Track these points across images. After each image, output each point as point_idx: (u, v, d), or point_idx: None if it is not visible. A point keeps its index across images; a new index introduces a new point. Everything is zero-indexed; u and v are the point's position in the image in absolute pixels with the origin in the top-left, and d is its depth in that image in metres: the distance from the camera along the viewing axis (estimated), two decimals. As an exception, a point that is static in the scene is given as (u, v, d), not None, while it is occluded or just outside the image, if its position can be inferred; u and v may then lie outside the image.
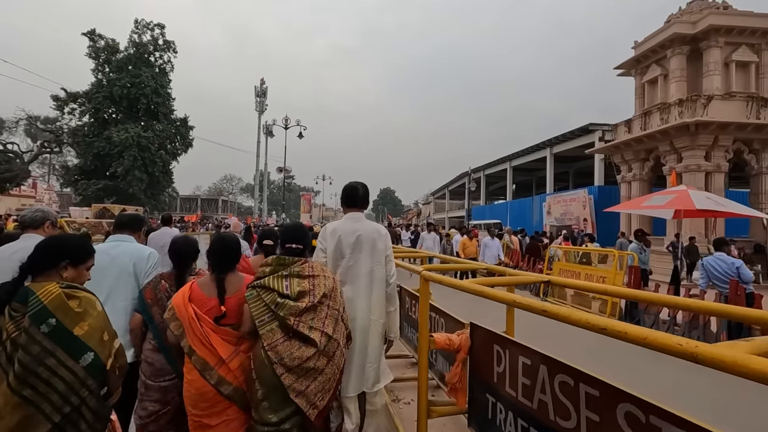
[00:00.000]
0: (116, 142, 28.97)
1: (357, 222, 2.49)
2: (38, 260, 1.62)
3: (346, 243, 2.40)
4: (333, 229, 2.46)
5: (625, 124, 16.04)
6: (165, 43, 33.87)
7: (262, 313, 1.86)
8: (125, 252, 2.42)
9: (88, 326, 1.54)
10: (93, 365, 1.51)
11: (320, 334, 1.86)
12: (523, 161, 30.21)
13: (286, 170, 26.79)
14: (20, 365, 1.41)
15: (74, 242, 1.74)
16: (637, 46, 15.95)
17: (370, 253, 2.42)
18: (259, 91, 39.41)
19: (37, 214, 2.44)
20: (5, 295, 1.50)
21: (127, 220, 2.70)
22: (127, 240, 2.55)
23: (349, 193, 2.57)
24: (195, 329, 1.86)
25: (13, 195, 47.55)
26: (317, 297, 1.91)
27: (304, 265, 2.02)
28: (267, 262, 2.03)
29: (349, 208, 2.56)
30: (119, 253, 2.40)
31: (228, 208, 61.88)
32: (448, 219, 53.30)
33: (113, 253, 2.38)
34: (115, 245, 2.46)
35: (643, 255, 6.81)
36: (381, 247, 2.46)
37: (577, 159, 27.75)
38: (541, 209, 25.29)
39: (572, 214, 21.19)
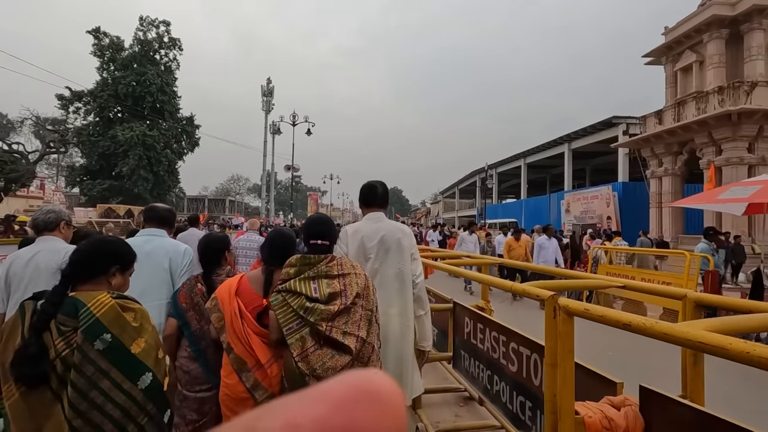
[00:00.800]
0: (121, 141, 28.43)
1: (378, 222, 2.38)
2: (86, 266, 1.48)
3: (369, 244, 2.29)
4: (354, 230, 2.34)
5: (656, 115, 15.02)
6: (170, 41, 33.32)
7: (290, 320, 1.69)
8: (160, 247, 2.29)
9: (145, 343, 1.43)
10: (152, 388, 1.39)
11: (355, 339, 1.70)
12: (538, 158, 29.18)
13: (294, 168, 26.04)
14: (73, 389, 1.27)
15: (123, 246, 1.62)
16: (668, 32, 14.93)
17: (397, 253, 2.31)
18: (266, 90, 38.85)
19: (50, 216, 2.30)
20: (51, 307, 1.34)
21: (163, 214, 2.52)
22: (161, 235, 2.40)
23: (367, 192, 2.46)
24: (236, 326, 1.76)
25: (21, 196, 47.47)
26: (350, 298, 1.73)
27: (332, 263, 1.81)
28: (291, 262, 1.81)
29: (368, 208, 2.45)
30: (153, 248, 2.27)
31: (235, 208, 61.40)
32: (458, 218, 52.33)
33: (147, 249, 2.22)
34: (148, 239, 2.31)
35: (716, 258, 5.88)
36: (406, 245, 2.34)
37: (595, 155, 26.69)
38: (559, 207, 24.27)
39: (594, 212, 20.17)
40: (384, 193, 2.47)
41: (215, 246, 2.22)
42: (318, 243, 1.85)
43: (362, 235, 2.31)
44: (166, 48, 33.30)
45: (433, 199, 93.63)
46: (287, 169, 26.70)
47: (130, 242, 2.04)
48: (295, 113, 22.95)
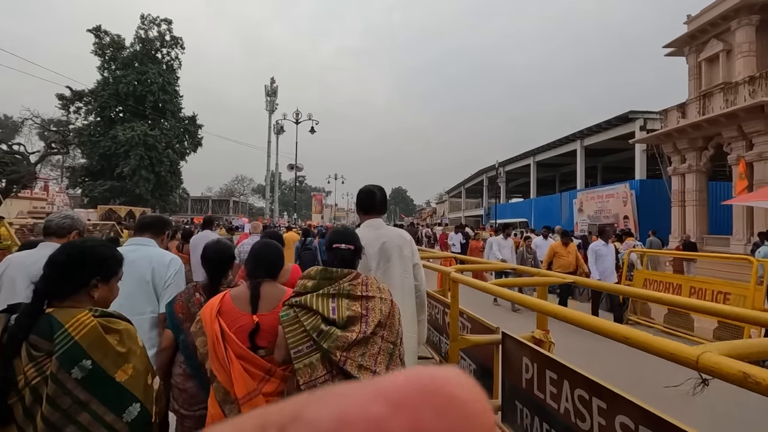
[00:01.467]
0: (122, 141, 27.94)
1: (378, 229, 2.31)
2: (61, 280, 1.29)
3: (371, 252, 2.20)
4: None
5: (678, 108, 14.21)
6: (172, 39, 32.83)
7: (300, 341, 1.49)
8: (144, 257, 2.13)
9: (133, 369, 1.25)
10: (139, 420, 1.22)
11: (371, 374, 1.47)
12: (548, 156, 28.36)
13: (297, 168, 25.41)
14: (46, 425, 1.10)
15: (105, 251, 1.40)
16: (691, 20, 14.12)
17: (399, 261, 2.25)
18: (269, 90, 38.35)
19: (65, 221, 2.24)
20: (21, 331, 1.16)
21: (149, 222, 2.37)
22: (148, 244, 2.24)
23: (365, 197, 2.37)
24: (218, 352, 1.57)
25: (24, 197, 47.28)
26: (371, 326, 1.51)
27: (357, 280, 1.58)
28: (310, 273, 1.62)
29: (366, 215, 2.37)
30: (138, 257, 2.10)
31: (239, 209, 61.04)
32: (465, 218, 51.50)
33: (131, 257, 1.98)
34: (134, 248, 2.17)
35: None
36: (407, 253, 2.30)
37: (607, 152, 25.86)
38: (571, 206, 23.46)
39: (610, 211, 19.37)
40: (382, 199, 2.37)
41: (224, 255, 2.07)
42: (341, 248, 1.65)
43: (363, 243, 2.12)
44: (167, 47, 32.82)
45: (438, 199, 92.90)
46: (291, 169, 26.09)
47: None
48: (298, 111, 22.28)
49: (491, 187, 44.60)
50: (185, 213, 49.78)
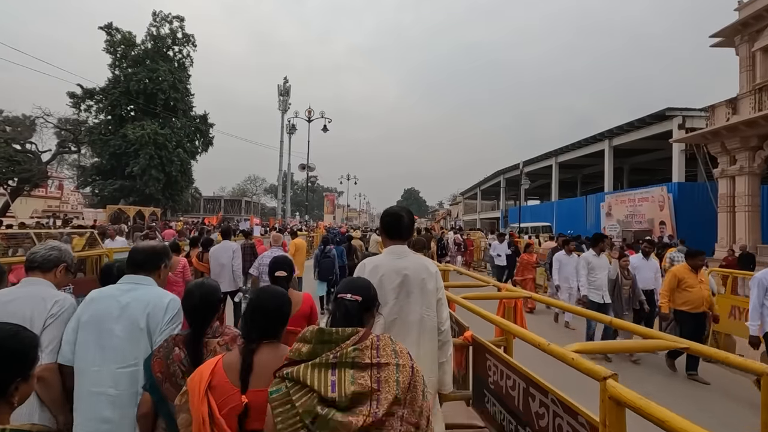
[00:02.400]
0: (132, 140, 27.42)
1: (401, 258, 2.05)
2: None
3: (390, 285, 1.98)
4: (373, 267, 2.01)
5: (728, 104, 12.83)
6: (184, 37, 32.30)
7: (292, 427, 1.14)
8: (139, 299, 1.79)
9: None
10: None
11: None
12: (572, 156, 26.95)
13: (309, 167, 24.52)
14: None
15: (25, 340, 1.11)
16: (743, 6, 12.74)
17: (420, 297, 2.01)
18: (282, 89, 37.73)
19: (51, 254, 1.97)
20: None
21: (141, 260, 1.93)
22: (144, 283, 1.87)
23: (390, 221, 2.12)
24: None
25: (39, 196, 47.49)
26: (383, 405, 1.14)
27: (365, 343, 1.23)
28: (305, 335, 1.28)
29: (391, 240, 2.11)
30: (131, 299, 1.78)
31: (251, 209, 60.62)
32: (480, 220, 50.13)
33: (124, 300, 1.77)
34: (128, 289, 1.83)
35: None
36: (431, 287, 2.04)
37: (635, 152, 24.40)
38: (598, 210, 22.07)
39: (643, 216, 17.98)
40: (410, 224, 2.14)
41: (210, 301, 1.69)
42: (347, 298, 1.36)
43: (382, 274, 1.99)
44: (179, 44, 32.29)
45: (451, 200, 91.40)
46: (302, 169, 25.21)
47: (106, 292, 1.80)
48: (310, 109, 21.37)
49: (509, 188, 43.25)
50: (197, 212, 49.45)
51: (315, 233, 21.10)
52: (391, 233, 2.12)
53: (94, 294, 1.80)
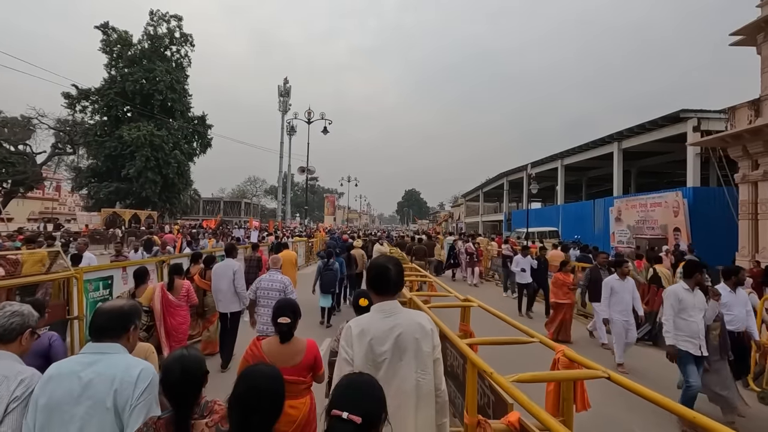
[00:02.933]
0: (127, 142, 26.78)
1: (391, 316, 1.86)
2: None
3: (380, 349, 1.79)
4: (360, 331, 1.81)
5: (750, 105, 12.16)
6: (182, 36, 31.69)
7: None
8: (104, 374, 1.53)
9: None
10: None
11: None
12: (578, 159, 26.27)
13: (309, 170, 23.86)
14: None
15: None
16: (766, 2, 12.06)
17: (414, 360, 1.81)
18: (283, 90, 37.15)
19: (13, 322, 1.71)
20: None
21: (104, 324, 1.65)
22: (110, 351, 1.60)
23: (375, 276, 1.92)
24: None
25: (36, 198, 46.96)
26: None
27: None
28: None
29: (379, 296, 1.92)
30: (95, 375, 1.52)
31: (251, 210, 60.00)
32: (483, 223, 49.47)
33: (86, 376, 1.51)
34: (90, 361, 1.56)
35: None
36: (427, 349, 1.85)
37: (644, 155, 23.75)
38: (606, 215, 21.38)
39: (655, 222, 17.29)
40: (398, 276, 1.95)
41: (192, 375, 1.50)
42: (343, 418, 1.12)
43: (371, 338, 1.80)
44: (177, 44, 31.69)
45: (453, 202, 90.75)
46: (302, 172, 24.55)
47: (64, 365, 1.54)
48: (310, 110, 20.72)
49: (512, 191, 42.56)
50: (197, 214, 48.85)
51: (315, 237, 20.38)
52: (378, 288, 1.93)
53: (52, 371, 1.55)
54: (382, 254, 10.16)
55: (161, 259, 7.02)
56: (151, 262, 6.71)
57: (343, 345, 1.84)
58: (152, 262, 6.78)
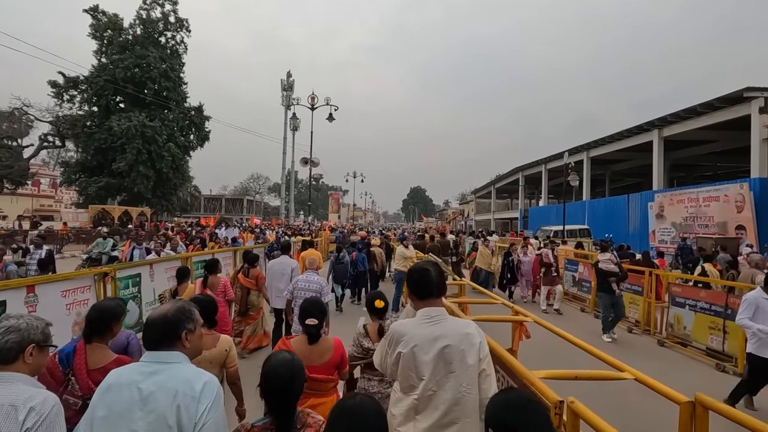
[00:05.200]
0: (117, 133, 24.79)
1: (437, 323, 1.77)
2: None
3: (424, 357, 1.71)
4: (404, 336, 1.75)
5: None
6: (177, 21, 29.64)
7: None
8: (165, 387, 1.37)
9: None
10: None
11: None
12: (607, 150, 24.02)
13: (313, 162, 21.77)
14: None
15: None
16: None
17: (461, 372, 1.71)
18: (286, 84, 35.18)
19: (9, 339, 1.45)
20: None
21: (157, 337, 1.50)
22: (169, 360, 1.45)
23: (417, 278, 1.88)
24: None
25: (29, 195, 45.18)
26: None
27: None
28: None
29: (422, 300, 1.86)
30: (156, 387, 1.37)
31: (253, 208, 58.16)
32: (494, 221, 47.23)
33: (146, 388, 1.37)
34: (151, 371, 1.41)
35: None
36: (472, 362, 1.73)
37: (680, 145, 21.40)
38: (644, 211, 19.15)
39: (710, 219, 15.05)
40: (440, 278, 1.89)
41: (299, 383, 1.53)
42: None
43: (414, 345, 1.72)
44: (172, 30, 29.63)
45: (461, 199, 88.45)
46: (305, 163, 22.46)
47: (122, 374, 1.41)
48: (314, 95, 18.61)
49: (528, 187, 40.32)
50: (197, 212, 47.05)
51: (320, 237, 18.32)
52: (420, 293, 1.87)
53: (111, 379, 1.41)
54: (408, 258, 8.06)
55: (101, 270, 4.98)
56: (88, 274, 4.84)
57: (384, 347, 1.83)
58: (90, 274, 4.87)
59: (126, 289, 5.42)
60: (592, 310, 8.46)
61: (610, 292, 6.59)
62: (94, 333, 2.12)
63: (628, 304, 7.45)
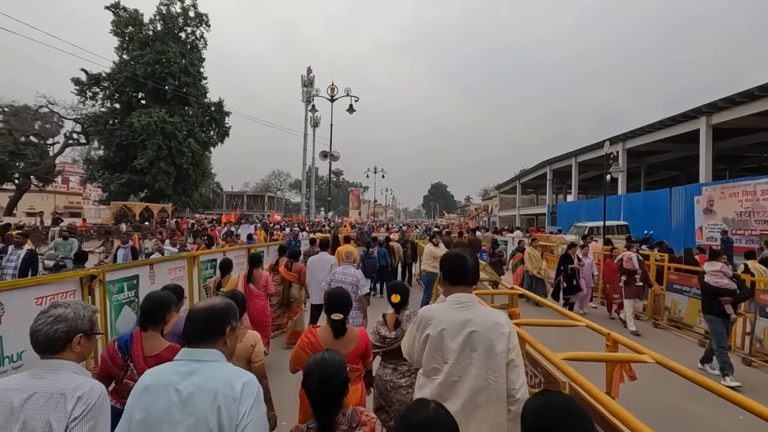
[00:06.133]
0: (138, 129, 24.71)
1: (467, 309, 1.77)
2: None
3: (451, 344, 1.72)
4: (432, 319, 1.77)
5: None
6: (197, 16, 29.43)
7: None
8: (204, 388, 1.33)
9: None
10: None
11: None
12: (645, 141, 22.44)
13: (333, 155, 21.09)
14: None
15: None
16: None
17: (486, 359, 1.70)
18: (306, 80, 34.69)
19: (57, 329, 1.44)
20: None
21: (197, 327, 1.46)
22: (207, 359, 1.40)
23: (452, 264, 1.89)
24: None
25: (59, 192, 46.35)
26: None
27: None
28: None
29: (453, 286, 1.86)
30: (195, 389, 1.33)
31: (275, 204, 58.29)
32: (519, 216, 45.65)
33: (185, 389, 1.33)
34: (188, 371, 1.37)
35: None
36: (500, 350, 1.71)
37: (728, 135, 19.65)
38: (689, 205, 17.63)
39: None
40: (474, 267, 1.89)
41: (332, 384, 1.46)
42: None
43: (443, 328, 1.73)
44: (192, 25, 29.44)
45: (483, 195, 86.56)
46: (324, 157, 21.80)
47: (161, 377, 1.36)
48: (333, 86, 17.87)
49: (556, 181, 38.65)
50: (219, 209, 47.35)
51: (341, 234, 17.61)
52: (453, 278, 1.87)
53: (147, 380, 1.37)
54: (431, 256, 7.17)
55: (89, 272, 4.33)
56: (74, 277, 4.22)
57: (413, 330, 1.83)
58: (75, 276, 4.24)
59: (120, 293, 4.78)
60: (650, 317, 7.39)
61: (723, 316, 4.92)
62: (149, 322, 2.24)
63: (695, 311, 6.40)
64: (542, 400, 1.11)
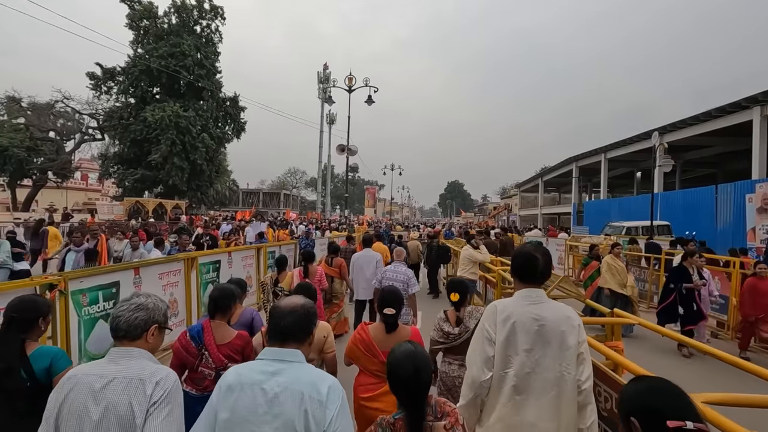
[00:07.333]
0: (152, 124, 24.20)
1: (537, 304, 1.77)
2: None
3: (523, 337, 1.72)
4: (504, 313, 1.77)
5: None
6: (212, 9, 28.81)
7: None
8: (291, 389, 1.29)
9: None
10: None
11: None
12: (685, 135, 20.81)
13: (350, 150, 20.13)
14: None
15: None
16: None
17: (559, 352, 1.69)
18: (322, 77, 33.93)
19: (138, 316, 1.49)
20: None
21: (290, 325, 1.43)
22: (292, 359, 1.38)
23: (523, 264, 1.85)
24: None
25: (77, 189, 46.71)
26: None
27: None
28: None
29: (524, 284, 1.85)
30: (281, 389, 1.29)
31: (290, 202, 57.81)
32: (542, 216, 43.99)
33: (270, 389, 1.29)
34: (275, 370, 1.34)
35: None
36: (572, 343, 1.70)
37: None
38: (740, 204, 16.04)
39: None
40: (546, 266, 1.84)
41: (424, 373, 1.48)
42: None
43: (515, 321, 1.74)
44: (207, 18, 28.84)
45: (501, 193, 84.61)
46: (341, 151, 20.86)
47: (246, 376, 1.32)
48: (351, 76, 16.88)
49: (582, 179, 36.91)
50: (235, 206, 47.02)
51: (357, 232, 16.66)
52: (524, 276, 1.86)
53: (231, 378, 1.33)
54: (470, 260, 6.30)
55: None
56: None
57: (486, 326, 1.81)
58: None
59: (94, 304, 4.01)
60: (732, 338, 6.13)
61: None
62: (218, 311, 2.43)
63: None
64: (643, 384, 1.11)
